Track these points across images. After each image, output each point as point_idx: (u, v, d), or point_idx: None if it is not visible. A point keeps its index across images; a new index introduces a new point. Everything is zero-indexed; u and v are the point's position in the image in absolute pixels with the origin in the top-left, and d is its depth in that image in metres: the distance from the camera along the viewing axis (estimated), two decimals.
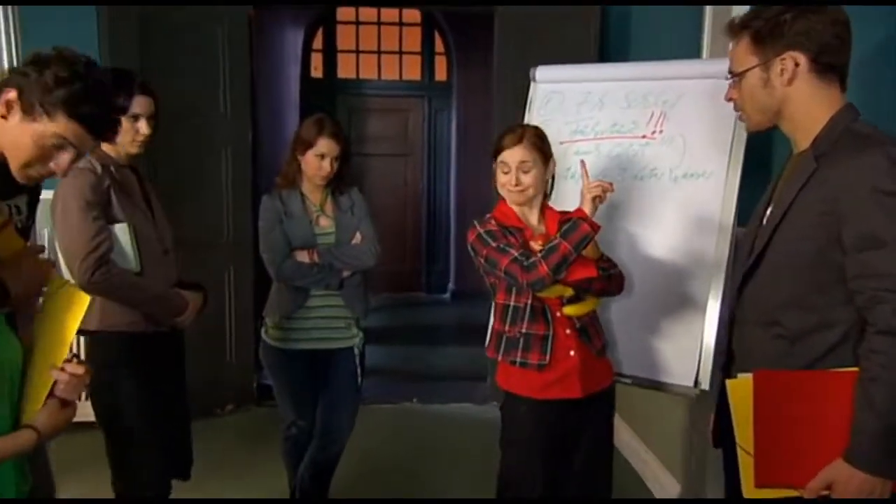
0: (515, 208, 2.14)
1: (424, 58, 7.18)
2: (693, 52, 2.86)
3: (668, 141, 2.41)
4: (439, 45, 7.16)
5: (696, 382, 2.26)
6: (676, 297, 2.33)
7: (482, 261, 2.06)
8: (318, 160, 2.54)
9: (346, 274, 2.60)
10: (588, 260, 2.02)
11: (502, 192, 2.12)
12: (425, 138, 7.21)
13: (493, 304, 2.17)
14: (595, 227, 1.94)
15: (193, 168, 3.88)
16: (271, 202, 2.61)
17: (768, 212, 1.59)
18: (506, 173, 2.09)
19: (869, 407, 1.34)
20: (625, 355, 2.38)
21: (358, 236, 2.63)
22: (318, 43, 7.02)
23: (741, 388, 1.47)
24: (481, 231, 2.07)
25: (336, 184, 2.64)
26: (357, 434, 2.75)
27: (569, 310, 2.07)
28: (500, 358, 2.11)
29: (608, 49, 3.65)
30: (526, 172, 2.08)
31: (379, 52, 7.17)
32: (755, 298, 1.56)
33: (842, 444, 1.38)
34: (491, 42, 3.99)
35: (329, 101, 6.81)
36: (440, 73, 7.20)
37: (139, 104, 2.16)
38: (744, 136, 2.26)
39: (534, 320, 2.05)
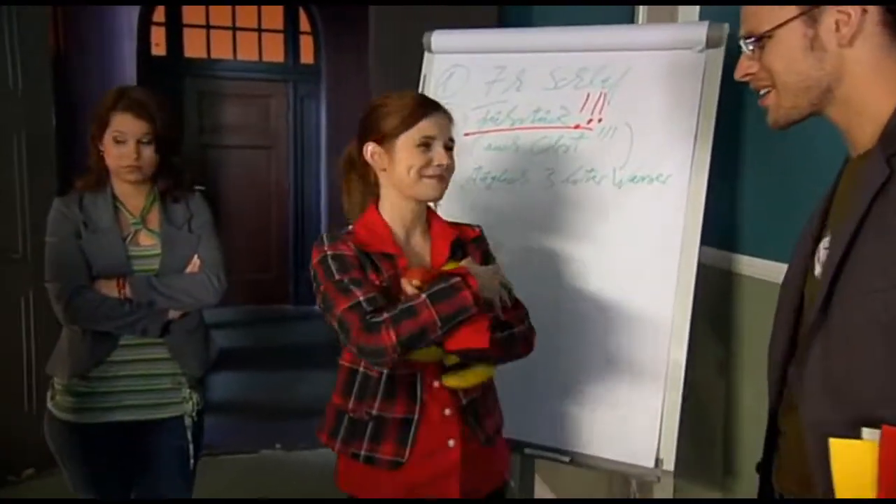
0: (396, 224, 1.48)
1: (288, 37, 6.52)
2: (623, 17, 2.28)
3: (610, 133, 1.88)
4: (304, 23, 6.50)
5: (658, 461, 1.68)
6: (625, 345, 1.77)
7: (319, 298, 1.40)
8: (116, 147, 1.83)
9: (173, 314, 1.90)
10: (479, 320, 1.33)
11: (417, 179, 1.44)
12: (290, 128, 6.56)
13: (339, 365, 1.51)
14: (478, 299, 1.31)
15: None
16: (65, 208, 1.90)
17: (821, 248, 1.04)
18: (427, 147, 1.44)
19: None
20: (557, 425, 1.81)
21: (195, 261, 1.93)
22: (159, 15, 6.13)
23: (853, 453, 0.95)
24: (329, 253, 1.41)
25: (167, 185, 1.94)
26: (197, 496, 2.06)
27: (451, 381, 1.43)
28: (336, 448, 1.48)
29: (509, 14, 3.01)
30: (450, 150, 1.47)
31: (234, 29, 6.43)
32: (829, 383, 0.97)
33: None
34: (365, 20, 3.32)
35: (175, 83, 6.03)
36: (306, 55, 6.55)
37: None
38: (711, 127, 1.74)
39: (391, 397, 1.42)
